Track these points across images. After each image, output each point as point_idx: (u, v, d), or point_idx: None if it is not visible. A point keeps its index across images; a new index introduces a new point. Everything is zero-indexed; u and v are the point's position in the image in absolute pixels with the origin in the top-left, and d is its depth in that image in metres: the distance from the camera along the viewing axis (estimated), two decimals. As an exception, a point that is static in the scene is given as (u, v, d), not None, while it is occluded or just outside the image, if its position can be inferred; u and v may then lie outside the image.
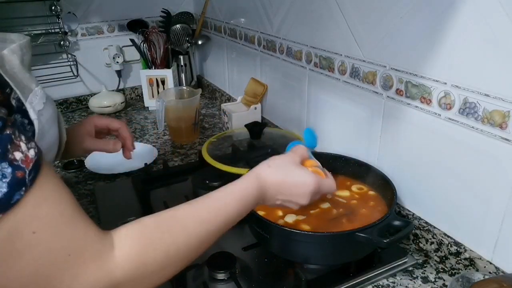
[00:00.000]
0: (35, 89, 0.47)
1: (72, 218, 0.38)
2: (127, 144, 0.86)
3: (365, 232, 0.65)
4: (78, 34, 1.62)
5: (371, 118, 0.88)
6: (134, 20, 1.66)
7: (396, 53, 0.78)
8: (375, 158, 0.89)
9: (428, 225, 0.78)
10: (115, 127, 0.85)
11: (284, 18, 1.12)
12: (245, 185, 0.57)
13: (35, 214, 0.35)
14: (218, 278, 0.71)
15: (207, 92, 1.81)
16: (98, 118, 0.85)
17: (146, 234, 0.43)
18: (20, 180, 0.33)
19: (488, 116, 0.64)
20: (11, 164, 0.33)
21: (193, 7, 1.77)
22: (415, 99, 0.76)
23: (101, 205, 0.95)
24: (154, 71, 1.60)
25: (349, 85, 0.93)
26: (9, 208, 0.32)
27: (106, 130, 0.86)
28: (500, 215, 0.65)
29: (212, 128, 1.45)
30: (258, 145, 1.13)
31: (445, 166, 0.73)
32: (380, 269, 0.73)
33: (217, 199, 0.52)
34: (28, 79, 0.47)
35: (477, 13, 0.62)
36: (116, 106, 1.59)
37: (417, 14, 0.72)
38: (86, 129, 0.82)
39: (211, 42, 1.70)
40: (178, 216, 0.47)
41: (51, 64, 1.57)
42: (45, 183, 0.36)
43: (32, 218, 0.34)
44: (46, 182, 0.36)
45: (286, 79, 1.18)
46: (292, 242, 0.70)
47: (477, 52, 0.64)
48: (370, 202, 0.82)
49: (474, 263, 0.70)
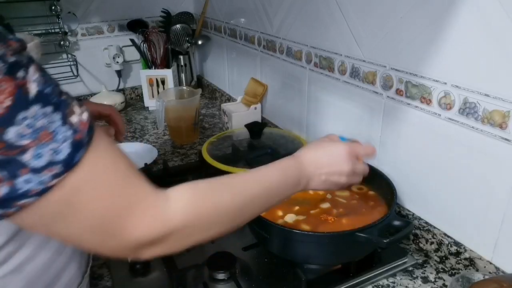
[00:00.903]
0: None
1: (126, 173, 0.41)
2: (119, 128, 0.87)
3: (365, 232, 0.65)
4: (78, 34, 1.62)
5: (371, 118, 0.88)
6: (134, 20, 1.66)
7: (396, 53, 0.78)
8: (375, 158, 0.89)
9: (428, 225, 0.78)
10: (106, 113, 0.86)
11: (284, 18, 1.12)
12: (284, 161, 0.60)
13: (94, 171, 0.38)
14: (218, 278, 0.71)
15: (207, 92, 1.81)
16: (89, 105, 0.86)
17: (198, 191, 0.47)
18: (79, 142, 0.36)
19: (488, 116, 0.64)
20: (71, 127, 0.35)
21: (193, 7, 1.77)
22: (415, 99, 0.76)
23: (101, 205, 0.95)
24: (154, 71, 1.60)
25: (349, 85, 0.93)
26: (72, 167, 0.35)
27: (98, 116, 0.86)
28: (500, 215, 0.65)
29: (212, 128, 1.45)
30: (258, 145, 1.13)
31: (445, 166, 0.73)
32: (380, 269, 0.73)
33: (258, 169, 0.56)
34: None
35: (477, 13, 0.62)
36: (116, 106, 1.59)
37: (417, 14, 0.72)
38: None
39: (211, 42, 1.70)
40: (226, 180, 0.52)
41: (51, 64, 1.56)
42: (99, 143, 0.38)
43: (92, 175, 0.38)
44: (100, 143, 0.39)
45: (286, 79, 1.18)
46: (292, 242, 0.70)
47: (477, 52, 0.64)
48: (370, 202, 0.82)
49: (474, 263, 0.70)
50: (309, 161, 0.61)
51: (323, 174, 0.61)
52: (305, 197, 0.83)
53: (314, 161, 0.61)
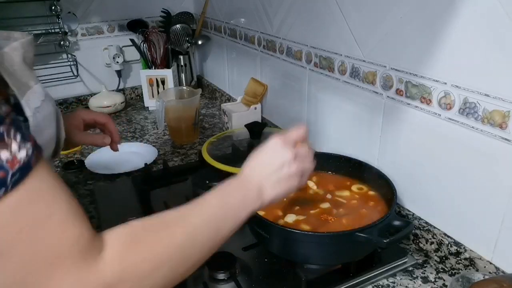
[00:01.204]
0: (34, 86, 0.47)
1: (62, 220, 0.37)
2: (114, 137, 0.87)
3: (365, 232, 0.65)
4: (78, 34, 1.62)
5: (371, 118, 0.88)
6: (134, 20, 1.66)
7: (396, 53, 0.78)
8: (375, 158, 0.89)
9: (428, 225, 0.78)
10: (102, 121, 0.86)
11: (284, 18, 1.12)
12: (225, 182, 0.55)
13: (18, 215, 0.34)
14: (218, 278, 0.71)
15: (207, 92, 1.81)
16: (85, 113, 0.86)
17: (133, 235, 0.43)
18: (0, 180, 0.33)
19: (488, 116, 0.64)
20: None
21: (193, 7, 1.77)
22: (415, 99, 0.76)
23: (101, 205, 0.95)
24: (154, 71, 1.60)
25: (349, 85, 0.93)
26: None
27: (93, 123, 0.87)
28: (500, 215, 0.65)
29: (212, 128, 1.45)
30: (258, 145, 1.12)
31: (445, 166, 0.73)
32: (380, 269, 0.73)
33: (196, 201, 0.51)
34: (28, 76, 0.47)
35: (477, 13, 0.62)
36: (116, 106, 1.59)
37: (417, 14, 0.72)
38: (74, 123, 0.82)
39: (211, 42, 1.70)
40: (164, 217, 0.47)
41: (51, 64, 1.57)
42: (36, 184, 0.36)
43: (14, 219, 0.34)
44: (36, 184, 0.36)
45: (286, 79, 1.18)
46: (292, 242, 0.70)
47: (477, 52, 0.64)
48: (370, 202, 0.82)
49: (474, 263, 0.70)
50: (251, 171, 0.57)
51: (271, 175, 0.57)
52: (305, 197, 0.83)
53: (255, 168, 0.58)
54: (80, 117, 0.84)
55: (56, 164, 1.18)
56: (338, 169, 0.90)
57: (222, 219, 0.51)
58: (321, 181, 0.89)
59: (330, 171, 0.91)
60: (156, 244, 0.43)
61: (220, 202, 0.52)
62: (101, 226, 0.85)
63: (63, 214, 0.38)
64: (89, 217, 0.62)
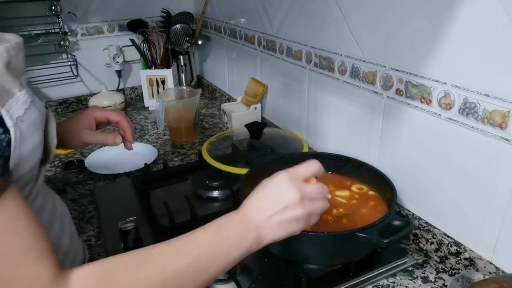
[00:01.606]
0: (18, 94, 0.45)
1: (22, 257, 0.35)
2: (127, 136, 0.83)
3: (365, 232, 0.65)
4: (78, 34, 1.62)
5: (371, 118, 0.88)
6: (134, 20, 1.66)
7: (396, 53, 0.78)
8: (375, 158, 0.89)
9: (428, 225, 0.78)
10: (115, 120, 0.82)
11: (284, 18, 1.12)
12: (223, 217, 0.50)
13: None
14: (218, 278, 0.71)
15: (207, 92, 1.81)
16: (97, 111, 0.83)
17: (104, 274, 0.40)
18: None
19: (488, 116, 0.64)
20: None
21: (193, 7, 1.77)
22: (415, 99, 0.76)
23: (101, 205, 0.95)
24: (154, 71, 1.60)
25: (349, 85, 0.93)
26: None
27: (106, 122, 0.84)
28: (500, 215, 0.65)
29: (212, 128, 1.45)
30: (258, 145, 1.13)
31: (445, 166, 0.73)
32: (380, 269, 0.73)
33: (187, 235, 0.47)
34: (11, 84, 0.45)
35: (477, 13, 0.62)
36: (116, 106, 1.59)
37: (417, 14, 0.72)
38: (85, 123, 0.80)
39: (211, 42, 1.70)
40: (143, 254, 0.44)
41: (51, 64, 1.57)
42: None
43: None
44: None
45: (286, 79, 1.18)
46: (292, 242, 0.70)
47: (477, 52, 0.64)
48: (370, 202, 0.82)
49: (474, 263, 0.70)
50: (252, 208, 0.52)
51: (273, 217, 0.52)
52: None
53: (257, 206, 0.52)
54: (92, 116, 0.81)
55: (56, 164, 1.18)
56: (338, 169, 0.90)
57: (212, 260, 0.47)
58: (321, 181, 0.88)
59: (330, 171, 0.91)
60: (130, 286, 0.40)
61: (215, 242, 0.48)
62: (101, 226, 0.85)
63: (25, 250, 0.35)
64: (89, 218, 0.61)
